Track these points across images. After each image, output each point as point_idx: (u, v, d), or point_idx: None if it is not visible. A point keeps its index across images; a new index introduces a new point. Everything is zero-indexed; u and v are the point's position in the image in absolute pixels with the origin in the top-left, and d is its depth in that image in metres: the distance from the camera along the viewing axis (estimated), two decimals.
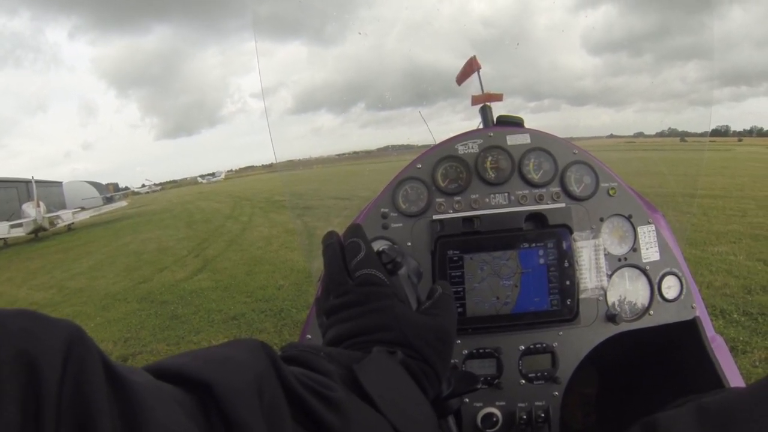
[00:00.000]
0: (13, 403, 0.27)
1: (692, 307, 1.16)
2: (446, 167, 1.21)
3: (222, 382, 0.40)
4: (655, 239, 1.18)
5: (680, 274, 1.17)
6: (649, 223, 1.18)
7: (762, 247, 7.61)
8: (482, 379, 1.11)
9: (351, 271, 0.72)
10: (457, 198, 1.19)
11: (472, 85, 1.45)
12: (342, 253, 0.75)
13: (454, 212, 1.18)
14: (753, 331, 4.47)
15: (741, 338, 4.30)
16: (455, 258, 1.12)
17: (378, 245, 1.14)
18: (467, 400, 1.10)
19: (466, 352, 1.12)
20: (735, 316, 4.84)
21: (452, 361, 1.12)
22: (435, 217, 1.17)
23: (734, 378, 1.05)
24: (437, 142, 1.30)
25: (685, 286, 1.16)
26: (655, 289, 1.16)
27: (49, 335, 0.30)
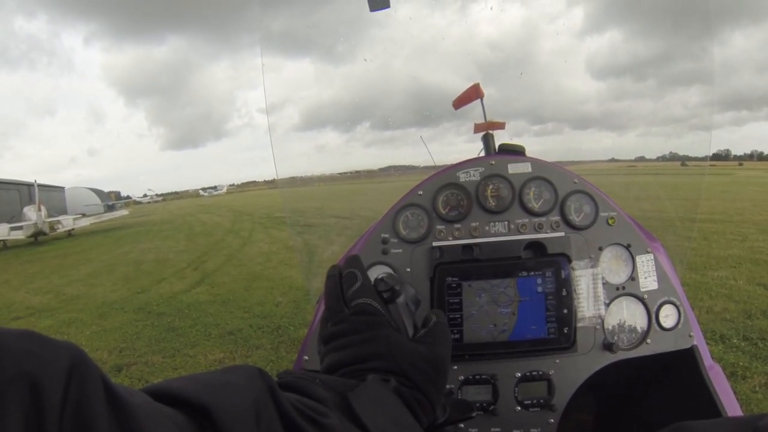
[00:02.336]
0: (15, 424, 0.27)
1: (690, 336, 1.16)
2: (447, 194, 1.22)
3: (221, 406, 0.41)
4: (654, 268, 1.18)
5: (678, 303, 1.17)
6: (648, 252, 1.19)
7: (762, 271, 7.60)
8: (478, 405, 1.11)
9: (347, 301, 0.74)
10: (457, 225, 1.20)
11: (475, 112, 1.47)
12: (340, 283, 0.77)
13: (453, 239, 1.19)
14: (753, 356, 4.45)
15: (741, 363, 4.27)
16: (454, 285, 1.12)
17: (377, 271, 1.15)
18: (462, 426, 1.10)
19: (462, 378, 1.12)
20: (735, 341, 4.82)
21: (449, 387, 1.12)
22: (435, 243, 1.18)
23: (732, 407, 1.05)
24: (438, 166, 1.31)
25: (682, 315, 1.17)
26: (652, 317, 1.16)
27: (52, 357, 0.31)
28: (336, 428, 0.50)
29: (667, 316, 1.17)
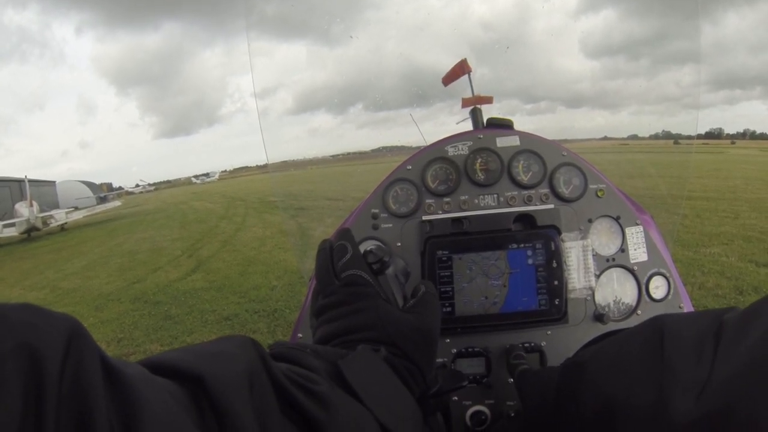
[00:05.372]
0: (15, 393, 0.28)
1: (680, 307, 1.17)
2: (436, 168, 1.22)
3: (214, 375, 0.41)
4: (643, 240, 1.19)
5: (668, 275, 1.18)
6: (637, 224, 1.19)
7: (754, 248, 7.69)
8: (471, 377, 1.11)
9: (338, 273, 0.74)
10: (447, 199, 1.20)
11: (465, 88, 1.46)
12: (331, 255, 0.77)
13: (443, 213, 1.19)
14: None
15: None
16: (444, 258, 1.13)
17: (367, 245, 1.15)
18: (456, 398, 1.11)
19: (455, 351, 1.13)
20: None
21: (442, 360, 1.13)
22: (424, 217, 1.18)
23: None
24: (428, 144, 1.31)
25: (672, 286, 1.18)
26: (642, 289, 1.17)
27: (50, 328, 0.31)
28: (327, 395, 0.51)
29: (657, 288, 1.18)
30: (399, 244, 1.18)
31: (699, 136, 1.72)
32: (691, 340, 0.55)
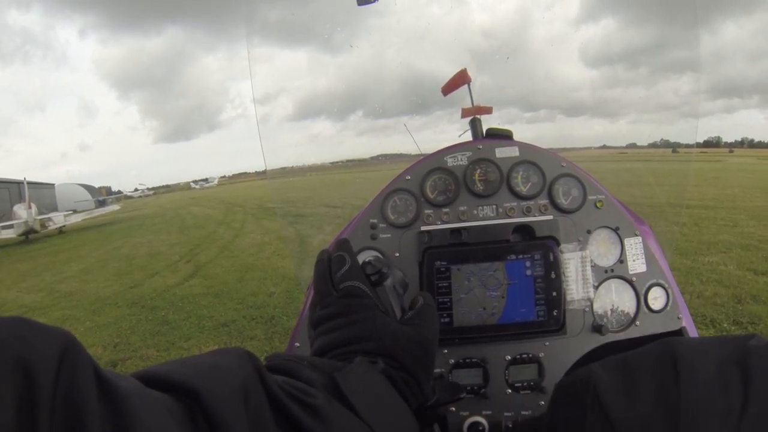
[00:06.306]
0: (9, 407, 0.28)
1: (678, 318, 1.17)
2: (435, 179, 1.22)
3: (209, 389, 0.41)
4: (642, 251, 1.19)
5: (666, 286, 1.18)
6: (636, 235, 1.19)
7: (752, 256, 7.70)
8: (468, 388, 1.11)
9: (336, 284, 0.74)
10: (446, 209, 1.19)
11: (464, 97, 1.46)
12: (329, 266, 0.76)
13: (442, 224, 1.18)
14: None
15: None
16: (443, 269, 1.12)
17: (366, 256, 1.15)
18: (453, 409, 1.11)
19: (452, 361, 1.13)
20: (725, 325, 4.88)
21: (439, 370, 1.12)
22: (423, 228, 1.18)
23: None
24: (426, 153, 1.31)
25: (671, 297, 1.17)
26: (641, 300, 1.17)
27: (43, 343, 0.31)
28: (323, 408, 0.51)
29: (656, 299, 1.17)
30: (397, 254, 1.17)
31: (697, 145, 1.72)
32: (710, 367, 0.54)
